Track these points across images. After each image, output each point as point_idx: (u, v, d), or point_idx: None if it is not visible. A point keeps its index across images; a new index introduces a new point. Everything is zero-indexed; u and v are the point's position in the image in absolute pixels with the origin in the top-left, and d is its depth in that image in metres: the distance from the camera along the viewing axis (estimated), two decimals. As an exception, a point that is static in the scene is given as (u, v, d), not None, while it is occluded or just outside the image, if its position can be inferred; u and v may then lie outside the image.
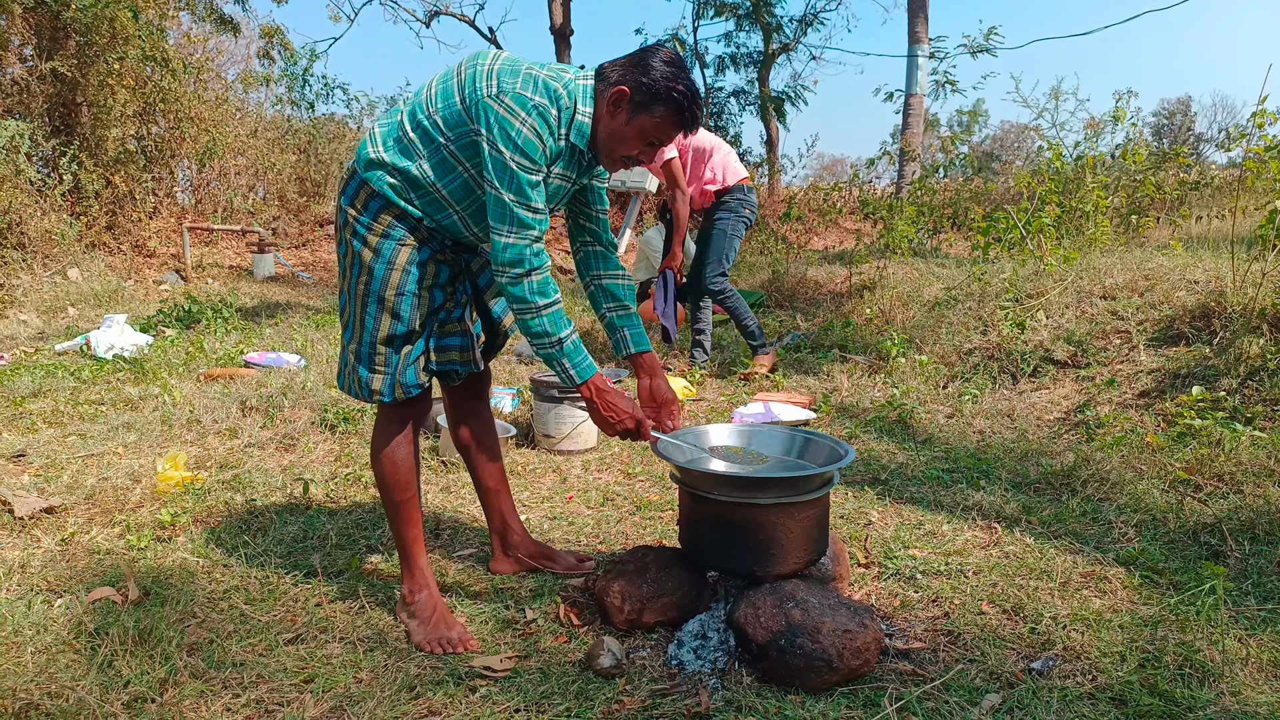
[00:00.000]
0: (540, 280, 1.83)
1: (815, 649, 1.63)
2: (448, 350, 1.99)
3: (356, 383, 1.95)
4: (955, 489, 2.80)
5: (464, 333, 2.00)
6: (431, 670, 1.76)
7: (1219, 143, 19.08)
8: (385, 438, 1.98)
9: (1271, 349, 3.34)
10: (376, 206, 1.86)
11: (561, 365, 1.88)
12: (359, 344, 1.92)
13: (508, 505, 2.27)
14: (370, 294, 1.88)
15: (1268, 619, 1.86)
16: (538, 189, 1.80)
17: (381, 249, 1.86)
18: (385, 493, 2.00)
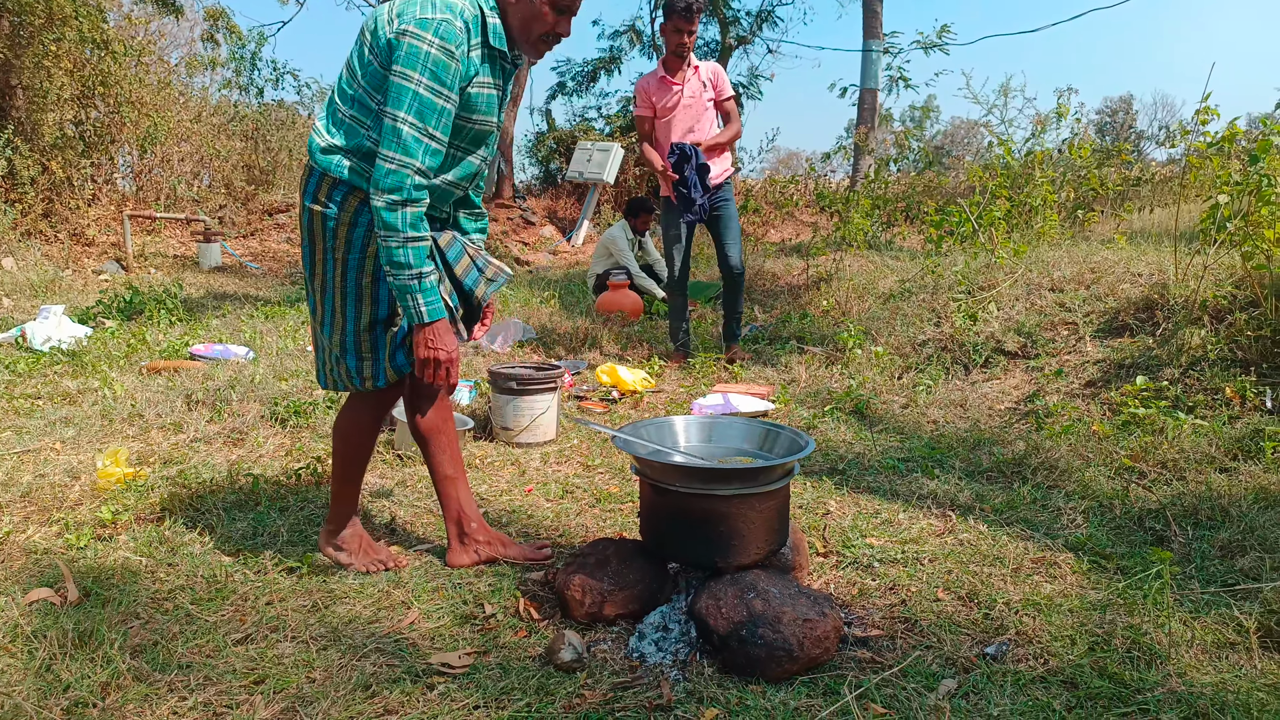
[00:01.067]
0: (414, 214, 1.82)
1: (776, 639, 1.64)
2: None
3: (345, 375, 2.00)
4: (911, 478, 2.84)
5: (444, 307, 2.00)
6: (388, 668, 1.73)
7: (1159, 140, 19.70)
8: (355, 418, 2.09)
9: (1212, 340, 3.45)
10: (341, 194, 1.89)
11: (415, 300, 1.86)
12: (343, 335, 1.96)
13: (465, 494, 2.24)
14: (348, 284, 1.93)
15: (1211, 602, 1.92)
16: (442, 117, 1.81)
17: (352, 239, 1.90)
18: (342, 464, 2.12)
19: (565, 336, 5.25)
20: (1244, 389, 3.15)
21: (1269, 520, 2.26)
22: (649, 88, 4.44)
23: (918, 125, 17.70)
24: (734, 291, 4.58)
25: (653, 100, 4.41)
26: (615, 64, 14.91)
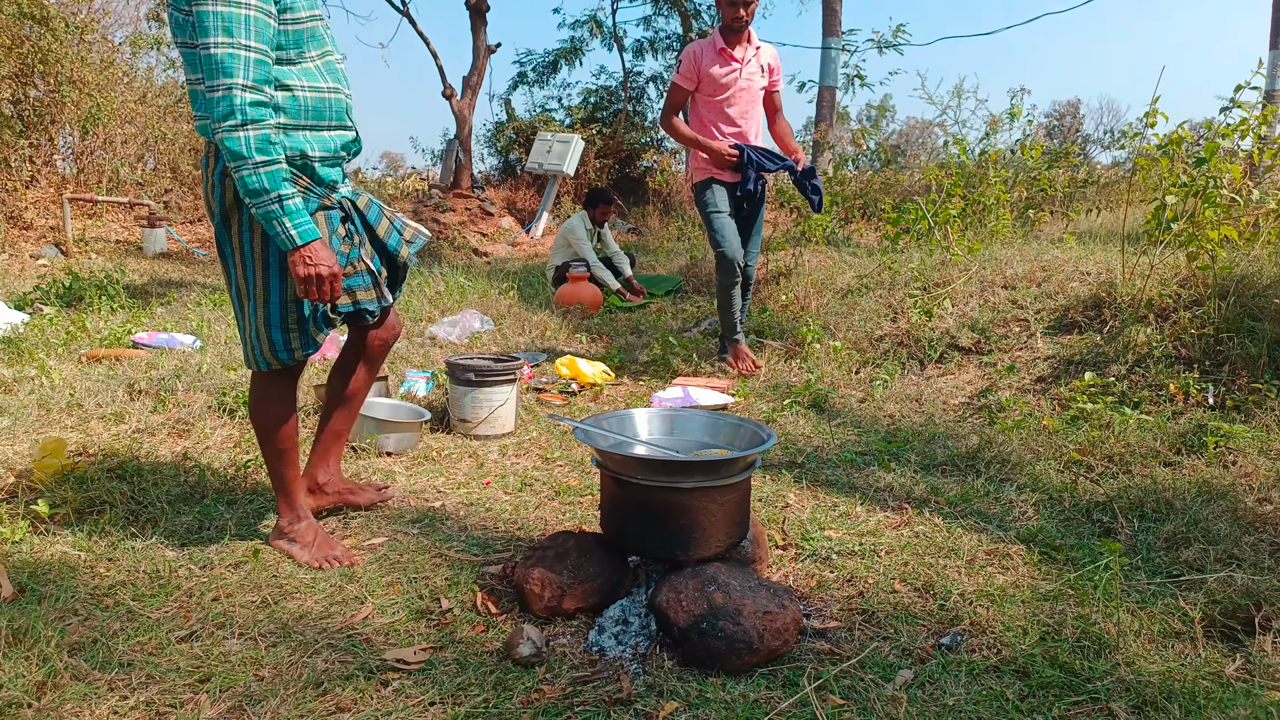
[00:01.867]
0: (259, 136, 1.78)
1: (736, 631, 1.63)
2: (354, 291, 2.05)
3: (271, 350, 1.99)
4: (868, 471, 2.87)
5: (366, 270, 2.07)
6: (340, 665, 1.68)
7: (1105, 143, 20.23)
8: (269, 395, 2.09)
9: (1157, 337, 3.55)
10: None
11: (282, 225, 1.82)
12: (266, 309, 1.96)
13: (338, 453, 2.42)
14: (271, 257, 1.93)
15: (1157, 592, 1.98)
16: (253, 25, 1.78)
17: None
18: (268, 442, 2.12)
19: (524, 327, 5.20)
20: (1187, 385, 3.25)
21: (1211, 513, 2.33)
22: (701, 56, 3.85)
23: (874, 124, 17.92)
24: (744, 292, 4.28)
25: (700, 71, 3.85)
26: (576, 55, 14.79)
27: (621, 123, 13.56)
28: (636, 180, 13.52)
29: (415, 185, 13.30)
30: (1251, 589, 1.85)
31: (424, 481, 2.79)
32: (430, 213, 10.95)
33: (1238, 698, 1.49)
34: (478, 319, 5.09)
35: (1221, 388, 3.23)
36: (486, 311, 5.48)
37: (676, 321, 5.59)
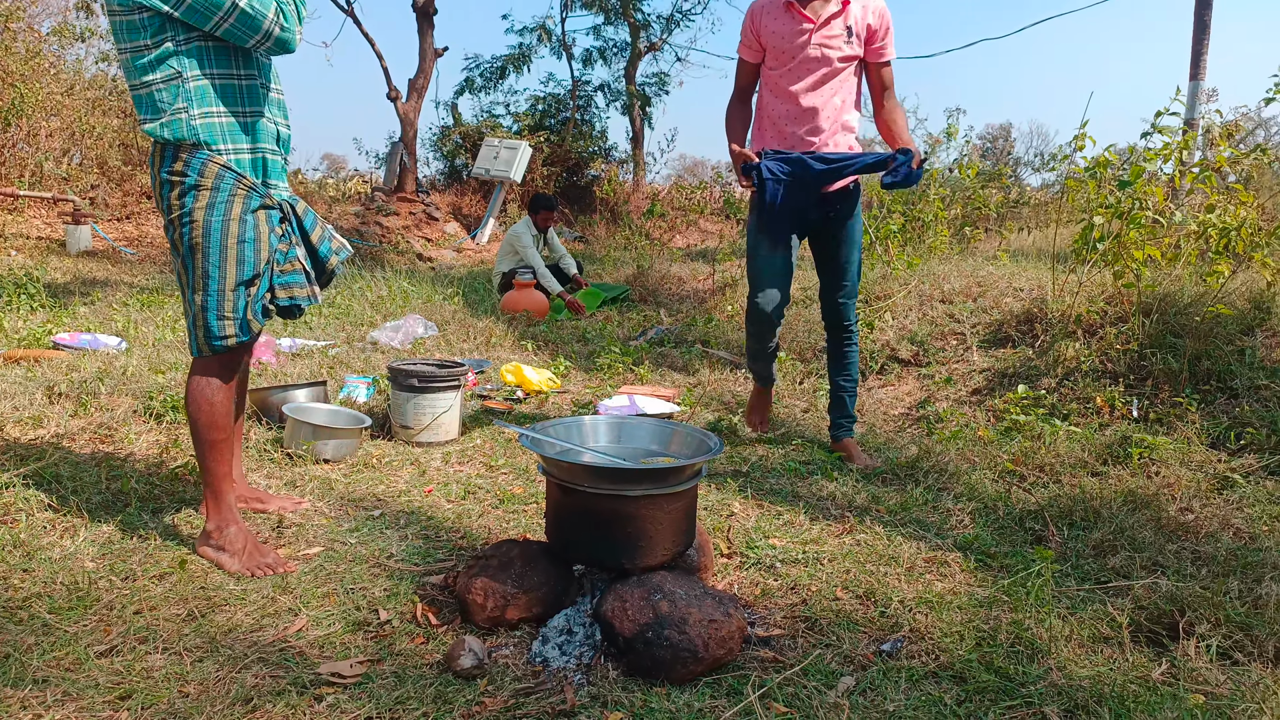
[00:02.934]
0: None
1: (682, 640, 1.63)
2: (291, 287, 2.13)
3: (207, 336, 2.05)
4: (811, 480, 2.90)
5: (302, 270, 2.15)
6: (271, 680, 1.62)
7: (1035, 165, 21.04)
8: (206, 383, 2.10)
9: (1085, 352, 3.68)
10: (199, 162, 1.98)
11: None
12: (205, 295, 2.02)
13: (237, 453, 2.41)
14: (212, 246, 2.00)
15: (1086, 598, 2.04)
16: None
17: (215, 203, 1.99)
18: (200, 432, 2.11)
19: (469, 333, 5.13)
20: (1113, 399, 3.38)
21: (1137, 521, 2.42)
22: (761, 14, 2.88)
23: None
24: (838, 350, 3.12)
25: (761, 33, 2.89)
26: (525, 62, 14.74)
27: (569, 131, 13.56)
28: (584, 189, 13.52)
29: (358, 188, 13.06)
30: (1176, 596, 1.92)
31: (363, 489, 2.72)
32: (374, 216, 10.76)
33: (1164, 701, 1.54)
34: (421, 324, 5.01)
35: (1145, 401, 3.36)
36: (430, 317, 5.39)
37: (623, 330, 5.59)
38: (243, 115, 2.05)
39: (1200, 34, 8.72)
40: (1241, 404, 3.16)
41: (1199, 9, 8.70)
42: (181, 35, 1.94)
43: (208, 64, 1.98)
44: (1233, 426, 3.06)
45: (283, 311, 2.17)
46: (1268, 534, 2.36)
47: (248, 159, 2.07)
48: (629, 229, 9.45)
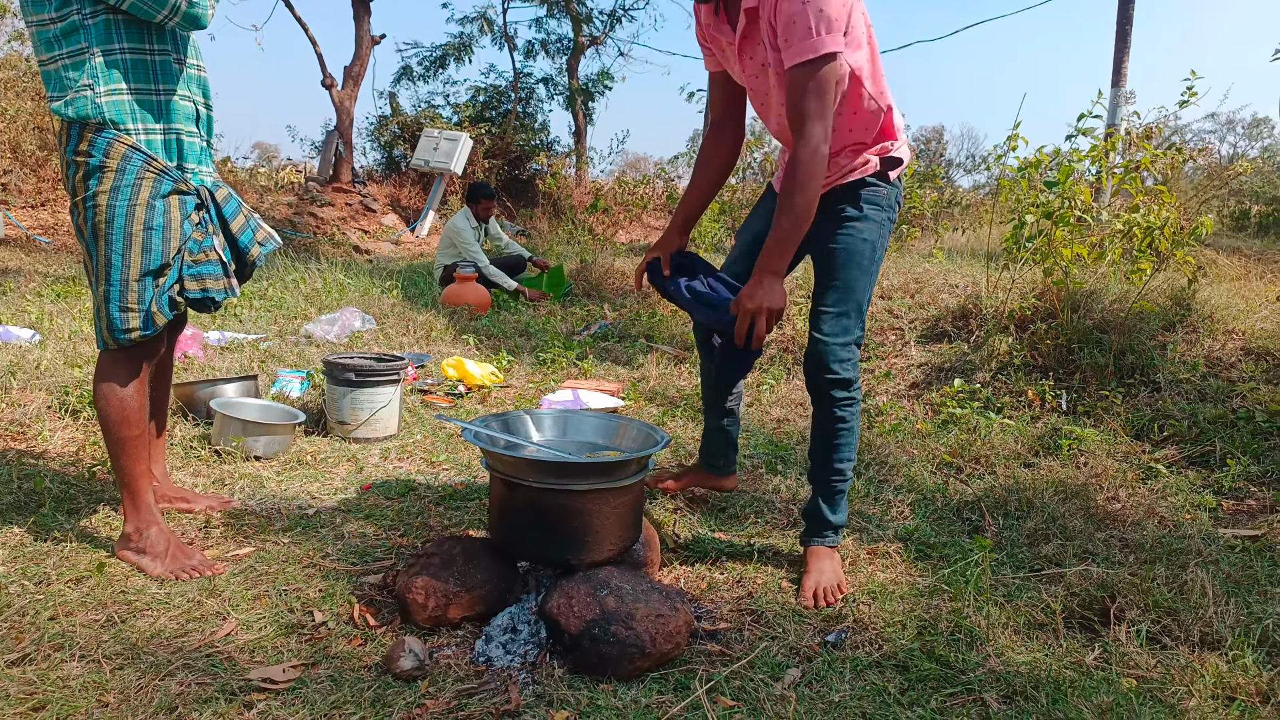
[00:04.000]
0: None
1: (629, 635, 1.60)
2: (204, 279, 2.01)
3: (110, 328, 1.92)
4: (756, 474, 2.91)
5: (219, 261, 2.03)
6: (197, 687, 1.54)
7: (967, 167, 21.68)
8: (114, 377, 1.98)
9: (1017, 347, 3.79)
10: (104, 142, 1.86)
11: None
12: (108, 285, 1.90)
13: (159, 453, 2.34)
14: (116, 232, 1.88)
15: (1021, 586, 2.09)
16: None
17: (120, 186, 1.87)
18: (111, 429, 1.99)
19: (409, 327, 5.01)
20: (1043, 392, 3.48)
21: (1068, 510, 2.50)
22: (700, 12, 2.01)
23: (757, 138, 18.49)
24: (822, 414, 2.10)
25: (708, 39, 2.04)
26: (465, 52, 14.51)
27: (511, 123, 13.40)
28: (526, 182, 13.39)
29: (291, 177, 12.67)
30: (1106, 582, 1.98)
31: (297, 487, 2.62)
32: (308, 206, 10.44)
33: (1099, 685, 1.59)
34: (358, 317, 4.87)
35: (1073, 394, 3.47)
36: (368, 310, 5.25)
37: (566, 325, 5.54)
38: (155, 93, 1.93)
39: (1121, 43, 9.10)
40: (1163, 397, 3.29)
41: (1120, 20, 9.06)
42: (88, 8, 1.83)
43: (116, 38, 1.87)
44: (1155, 418, 3.18)
45: (194, 304, 2.04)
46: (1190, 522, 2.46)
47: (160, 140, 1.94)
48: (572, 223, 9.38)
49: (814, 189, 1.76)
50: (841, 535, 2.18)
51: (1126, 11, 8.85)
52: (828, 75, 1.71)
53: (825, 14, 1.67)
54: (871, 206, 2.00)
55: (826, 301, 2.00)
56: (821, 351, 1.99)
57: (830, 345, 1.99)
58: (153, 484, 2.15)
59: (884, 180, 2.01)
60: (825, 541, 2.13)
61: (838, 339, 1.99)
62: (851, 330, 2.01)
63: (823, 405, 2.07)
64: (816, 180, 1.76)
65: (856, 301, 2.00)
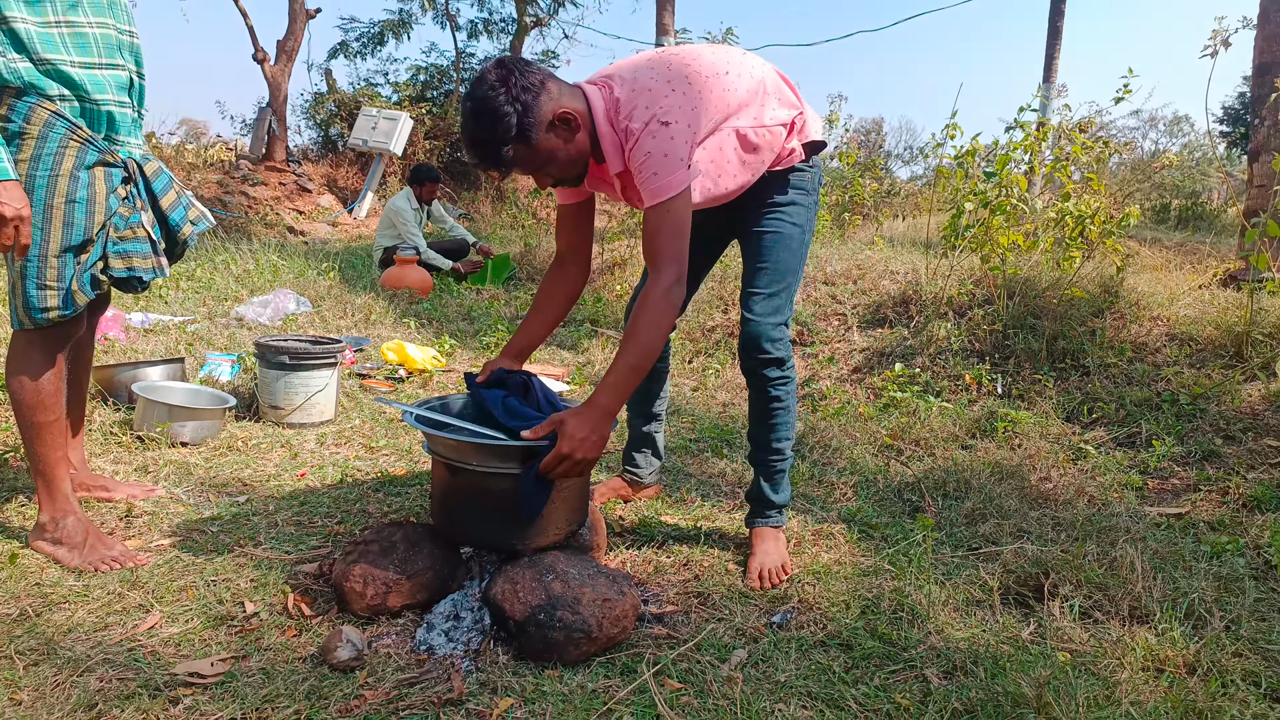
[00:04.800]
0: None
1: (575, 620, 1.58)
2: (130, 257, 1.90)
3: (26, 307, 1.81)
4: (702, 458, 2.91)
5: (147, 238, 1.93)
6: (119, 683, 1.46)
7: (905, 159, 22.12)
8: (28, 359, 1.88)
9: (955, 332, 3.87)
10: (25, 108, 1.74)
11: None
12: (25, 260, 1.78)
13: (78, 439, 2.23)
14: (35, 204, 1.75)
15: (960, 564, 2.13)
16: None
17: (41, 155, 1.75)
18: (25, 414, 1.89)
19: (346, 310, 4.87)
20: (980, 376, 3.57)
21: (1003, 491, 2.56)
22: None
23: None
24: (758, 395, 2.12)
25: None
26: (405, 29, 14.14)
27: (453, 104, 13.11)
28: (468, 165, 13.13)
29: (221, 155, 12.19)
30: (1040, 559, 2.04)
31: (227, 474, 2.52)
32: (239, 185, 10.06)
33: (1036, 660, 1.62)
34: (293, 300, 4.71)
35: (1008, 378, 3.57)
36: (304, 293, 5.08)
37: (510, 309, 5.46)
38: (81, 60, 1.80)
39: (1053, 39, 9.37)
40: (1093, 380, 3.40)
41: (1052, 16, 9.33)
42: None
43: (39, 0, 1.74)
44: (1085, 401, 3.29)
45: (119, 284, 1.92)
46: (1118, 500, 2.55)
47: (86, 108, 1.82)
48: (515, 207, 9.25)
49: (665, 329, 1.76)
50: (786, 516, 2.20)
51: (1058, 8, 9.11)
52: (680, 209, 1.73)
53: (668, 158, 1.69)
54: (798, 191, 2.05)
55: (758, 283, 2.03)
56: (754, 332, 2.01)
57: (762, 325, 2.01)
58: (70, 471, 2.03)
59: (808, 164, 2.06)
60: (769, 522, 2.15)
61: (769, 319, 2.02)
62: (783, 310, 2.04)
63: (758, 386, 2.09)
64: (668, 322, 1.75)
65: (787, 283, 2.04)
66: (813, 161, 2.08)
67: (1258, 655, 1.68)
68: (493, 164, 1.68)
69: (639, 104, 1.72)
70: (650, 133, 1.70)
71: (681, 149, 1.71)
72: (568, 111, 1.68)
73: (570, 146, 1.72)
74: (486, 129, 1.63)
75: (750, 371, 2.07)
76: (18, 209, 1.70)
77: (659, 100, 1.71)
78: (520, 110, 1.62)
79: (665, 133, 1.70)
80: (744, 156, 1.92)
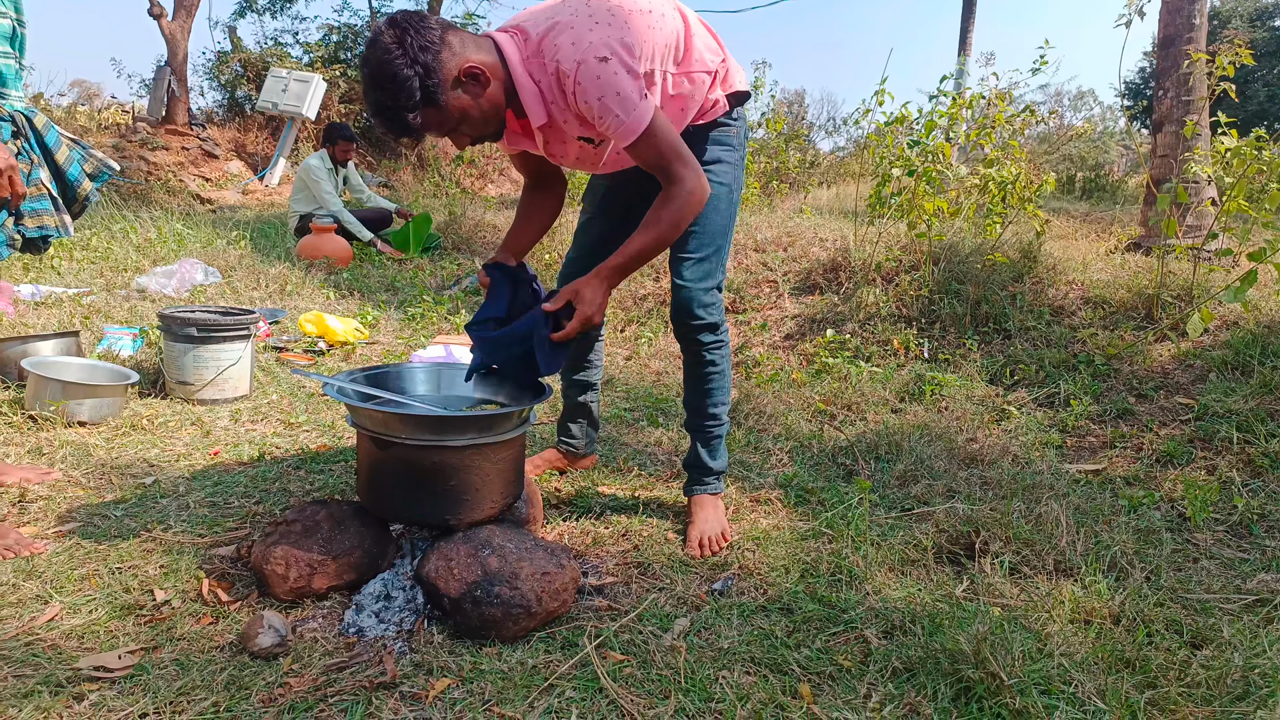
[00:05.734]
0: None
1: (514, 596, 1.52)
2: (40, 215, 1.80)
3: None
4: (638, 427, 2.87)
5: (48, 195, 1.83)
6: (16, 680, 1.34)
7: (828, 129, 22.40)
8: None
9: (883, 298, 3.92)
10: None
11: None
12: None
13: None
14: None
15: (894, 525, 2.16)
16: None
17: None
18: None
19: (259, 281, 4.63)
20: (908, 341, 3.63)
21: (933, 452, 2.61)
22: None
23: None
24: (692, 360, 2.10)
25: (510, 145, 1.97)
26: (317, -14, 13.45)
27: (369, 67, 12.57)
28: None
29: (116, 118, 11.42)
30: (971, 518, 2.08)
31: (132, 454, 2.35)
32: (137, 149, 9.45)
33: (971, 616, 1.65)
34: (200, 270, 4.45)
35: (934, 343, 3.64)
36: (212, 263, 4.80)
37: (435, 280, 5.29)
38: None
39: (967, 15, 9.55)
40: (1014, 343, 3.50)
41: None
42: None
43: None
44: (1007, 364, 3.38)
45: (28, 244, 1.80)
46: (1040, 459, 2.62)
47: None
48: (438, 175, 8.97)
49: (685, 226, 1.74)
50: (724, 483, 2.19)
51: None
52: (661, 127, 1.66)
53: (622, 95, 1.60)
54: (723, 148, 1.98)
55: (687, 248, 1.96)
56: (686, 298, 1.97)
57: (694, 290, 1.97)
58: None
59: (731, 117, 1.98)
60: (708, 489, 2.13)
61: (700, 284, 1.97)
62: (714, 274, 2.00)
63: (692, 351, 2.06)
64: (690, 218, 1.74)
65: (717, 246, 1.99)
66: (736, 114, 2.00)
67: (1177, 605, 1.74)
68: (401, 132, 1.57)
69: (562, 43, 1.60)
70: (589, 74, 1.58)
71: (628, 83, 1.60)
72: (474, 66, 1.57)
73: (483, 102, 1.61)
74: (389, 97, 1.51)
75: (683, 337, 2.04)
76: (6, 159, 1.62)
77: (585, 36, 1.59)
78: (422, 72, 1.50)
79: (606, 69, 1.58)
80: (667, 108, 1.83)
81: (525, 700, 1.38)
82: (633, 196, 2.01)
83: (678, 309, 2.00)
